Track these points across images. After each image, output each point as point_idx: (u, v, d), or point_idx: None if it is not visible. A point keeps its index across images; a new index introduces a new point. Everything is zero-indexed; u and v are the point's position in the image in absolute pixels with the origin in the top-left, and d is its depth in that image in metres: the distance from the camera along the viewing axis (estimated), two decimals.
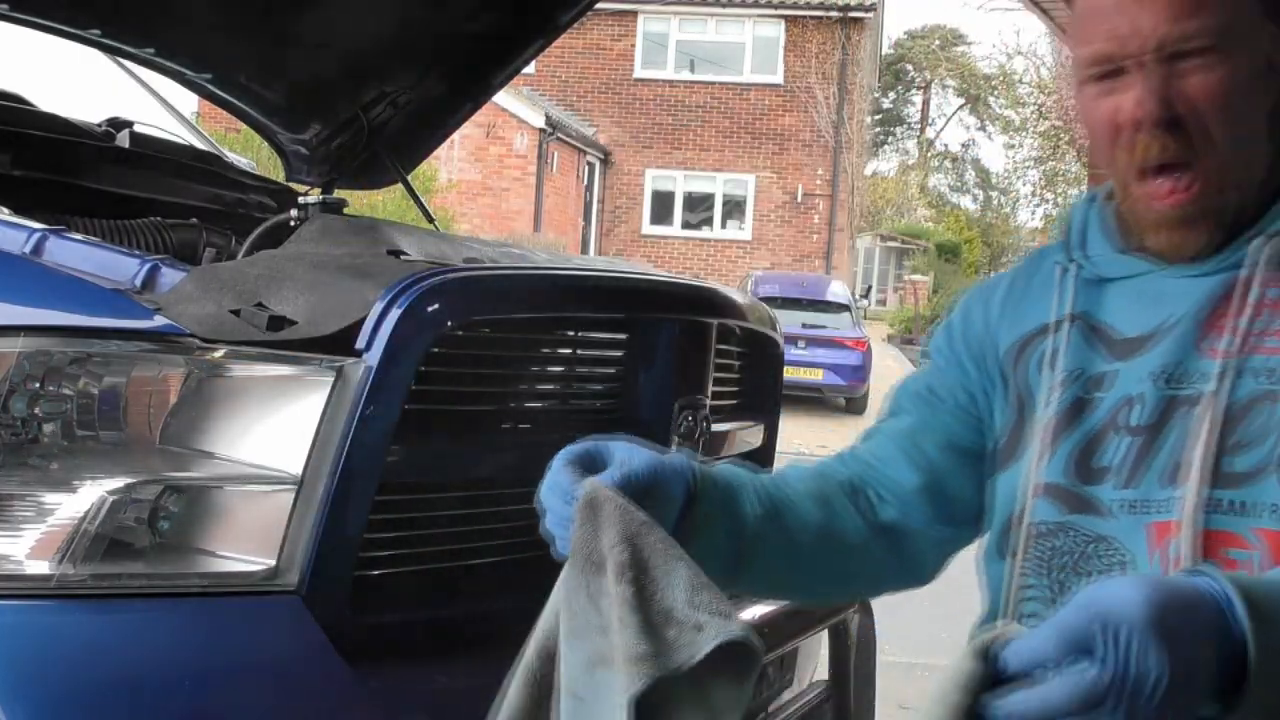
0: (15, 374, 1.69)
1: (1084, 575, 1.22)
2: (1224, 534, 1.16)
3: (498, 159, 20.71)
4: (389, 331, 1.77)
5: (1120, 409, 1.25)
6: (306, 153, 3.30)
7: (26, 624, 1.64)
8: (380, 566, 1.87)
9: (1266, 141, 1.23)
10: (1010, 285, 1.40)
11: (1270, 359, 1.18)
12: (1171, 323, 1.24)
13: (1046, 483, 1.26)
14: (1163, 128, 1.18)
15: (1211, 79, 1.18)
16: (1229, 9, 1.19)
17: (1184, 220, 1.22)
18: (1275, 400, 1.17)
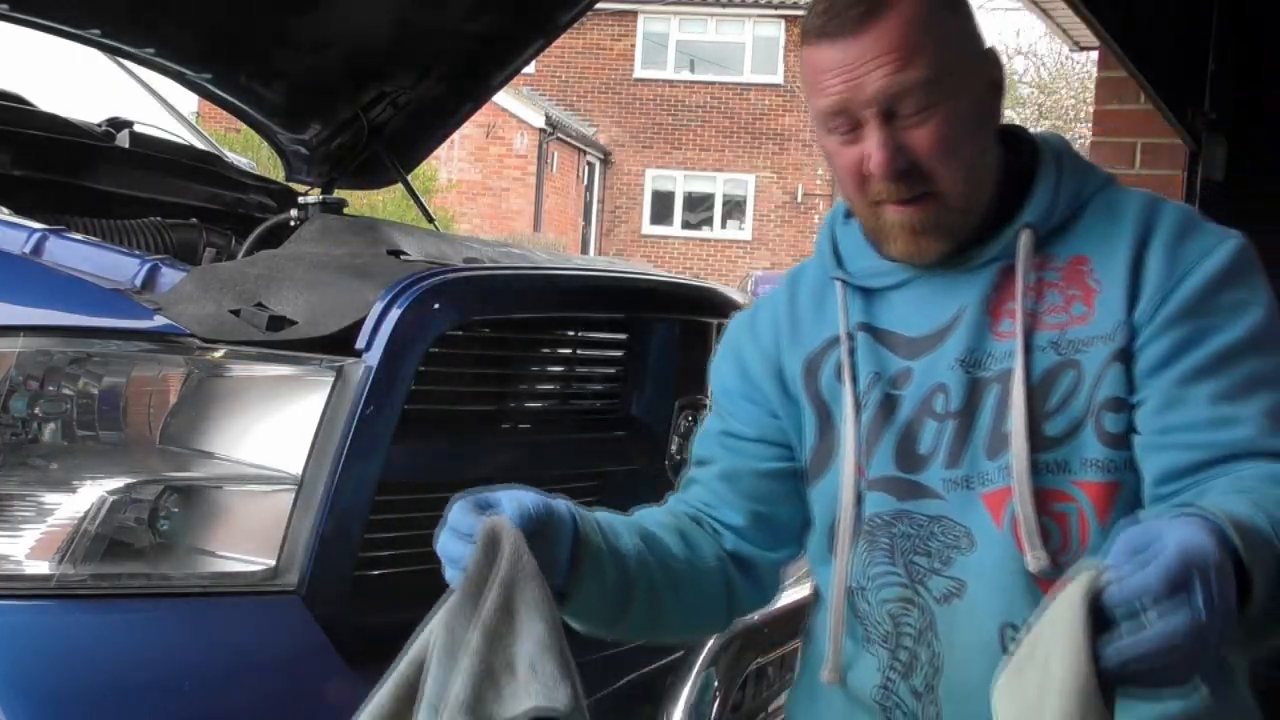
0: (15, 374, 1.69)
1: (927, 554, 1.36)
2: (1050, 490, 1.31)
3: (498, 159, 20.72)
4: (389, 331, 1.77)
5: (928, 399, 1.38)
6: (306, 153, 3.30)
7: (26, 624, 1.64)
8: (380, 566, 1.87)
9: (992, 154, 1.39)
10: (783, 310, 1.52)
11: (1052, 334, 1.34)
12: (959, 315, 1.38)
13: (876, 477, 1.39)
14: (896, 176, 1.32)
15: (931, 130, 1.31)
16: (939, 65, 1.31)
17: (919, 230, 1.35)
18: (1067, 368, 1.33)
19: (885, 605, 1.38)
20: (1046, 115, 23.75)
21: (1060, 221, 1.39)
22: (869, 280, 1.44)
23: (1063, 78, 23.16)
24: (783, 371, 1.49)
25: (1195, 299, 1.30)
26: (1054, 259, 1.37)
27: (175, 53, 3.08)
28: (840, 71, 1.32)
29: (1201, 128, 3.27)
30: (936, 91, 1.31)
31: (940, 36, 1.33)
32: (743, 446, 1.51)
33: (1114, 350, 1.32)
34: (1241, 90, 3.33)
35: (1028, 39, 47.72)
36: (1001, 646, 1.30)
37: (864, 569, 1.40)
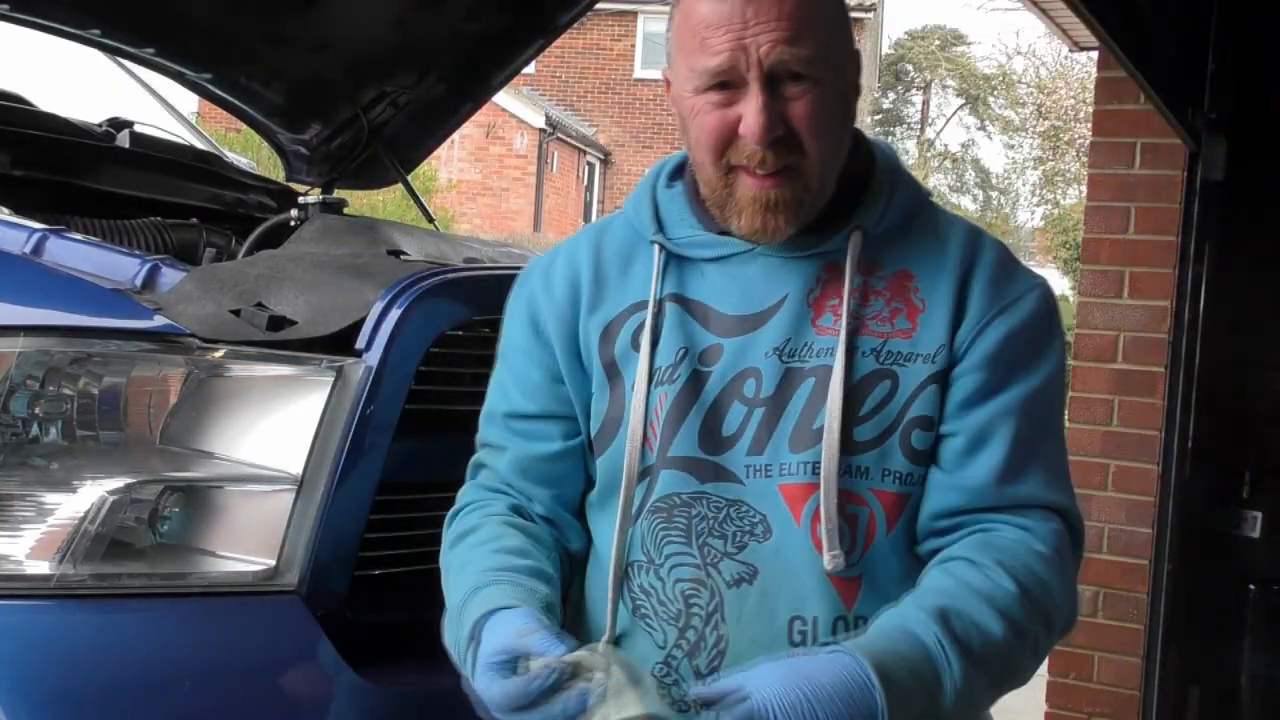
0: (15, 374, 1.69)
1: (723, 537, 1.36)
2: (848, 492, 1.33)
3: (498, 159, 20.71)
4: (389, 331, 1.77)
5: (736, 382, 1.37)
6: (306, 153, 3.30)
7: (26, 624, 1.64)
8: (380, 566, 1.87)
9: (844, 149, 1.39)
10: (585, 268, 1.46)
11: (874, 340, 1.36)
12: (781, 302, 1.38)
13: (677, 455, 1.37)
14: (771, 143, 1.31)
15: (810, 104, 1.32)
16: (826, 46, 1.33)
17: (772, 206, 1.34)
18: (883, 377, 1.35)
19: (678, 585, 1.37)
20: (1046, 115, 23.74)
21: (888, 230, 1.41)
22: (689, 250, 1.42)
23: (1062, 78, 23.14)
24: (576, 332, 1.45)
25: (1008, 341, 1.37)
26: (880, 268, 1.39)
27: (175, 53, 3.08)
28: (731, 27, 1.30)
29: (1201, 128, 3.27)
30: (821, 68, 1.32)
31: (827, 20, 1.34)
32: (528, 428, 1.47)
33: (933, 372, 1.36)
34: (1241, 90, 3.33)
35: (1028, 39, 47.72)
36: (788, 636, 1.33)
37: (656, 546, 1.38)
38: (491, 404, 1.51)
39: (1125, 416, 3.45)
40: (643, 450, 1.38)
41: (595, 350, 1.43)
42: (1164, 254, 3.42)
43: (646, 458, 1.38)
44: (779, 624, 1.34)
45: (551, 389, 1.46)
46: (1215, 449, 3.43)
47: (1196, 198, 3.33)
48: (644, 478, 1.39)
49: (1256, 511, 3.42)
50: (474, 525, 1.45)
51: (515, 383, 1.48)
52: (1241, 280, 3.41)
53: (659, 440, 1.38)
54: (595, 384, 1.43)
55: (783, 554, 1.34)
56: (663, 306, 1.41)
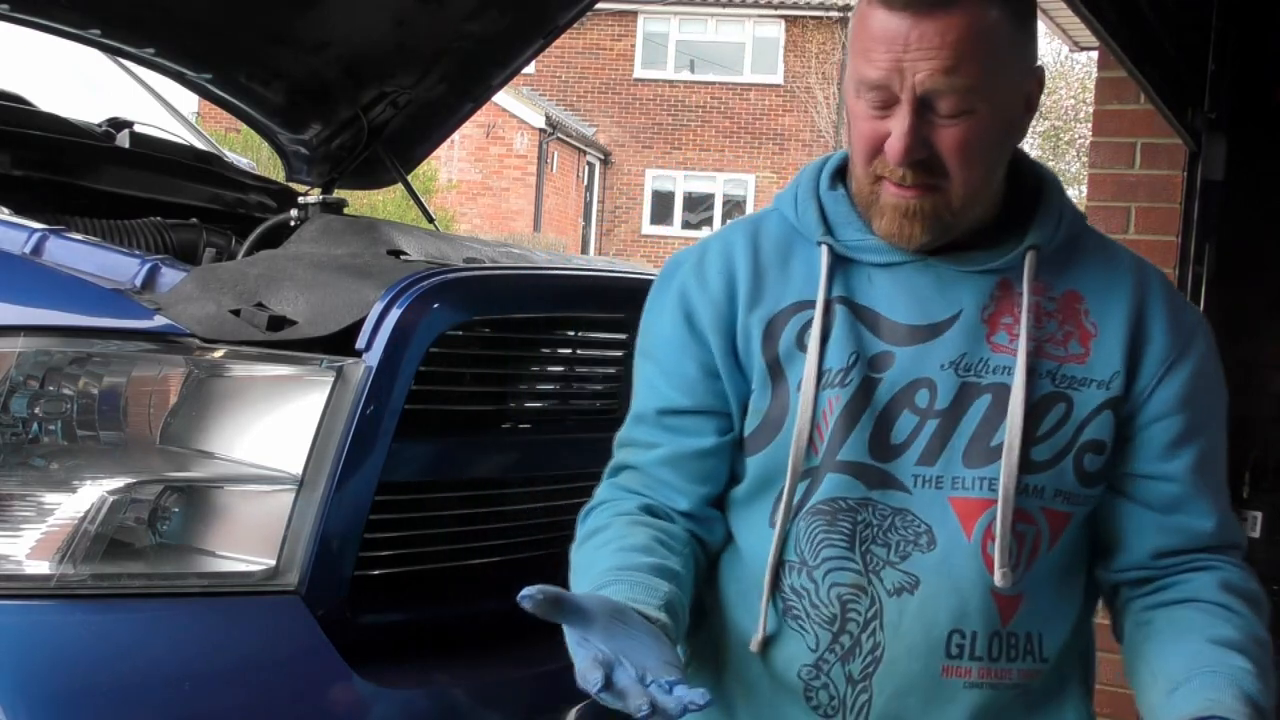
0: (15, 374, 1.69)
1: (886, 546, 1.35)
2: (1020, 510, 1.34)
3: (498, 159, 20.71)
4: (389, 331, 1.77)
5: (908, 391, 1.37)
6: (306, 153, 3.30)
7: (26, 624, 1.64)
8: (380, 566, 1.87)
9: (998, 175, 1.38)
10: (743, 262, 1.44)
11: (1050, 364, 1.37)
12: (956, 316, 1.38)
13: (847, 460, 1.36)
14: (912, 164, 1.31)
15: (960, 134, 1.31)
16: (989, 75, 1.30)
17: (910, 214, 1.34)
18: (1059, 400, 1.36)
19: (835, 589, 1.37)
20: (1046, 115, 23.74)
21: (1056, 250, 1.41)
22: (859, 253, 1.41)
23: (1062, 78, 23.15)
24: (734, 328, 1.42)
25: (1198, 381, 1.40)
26: (1049, 288, 1.39)
27: (175, 53, 3.08)
28: (892, 47, 1.29)
29: (1201, 128, 3.27)
30: (977, 99, 1.30)
31: (999, 46, 1.31)
32: (682, 424, 1.44)
33: (1108, 398, 1.37)
34: (1241, 90, 3.33)
35: None
36: (946, 650, 1.34)
37: (812, 548, 1.38)
38: (641, 403, 1.48)
39: None
40: (808, 451, 1.37)
41: (757, 347, 1.41)
42: (1164, 254, 3.41)
43: (810, 459, 1.37)
44: (937, 635, 1.34)
45: (707, 384, 1.43)
46: None
47: (1196, 198, 3.33)
48: (805, 478, 1.38)
49: (1256, 511, 3.42)
50: (603, 524, 1.43)
51: (667, 378, 1.45)
52: (1241, 280, 3.41)
53: (825, 443, 1.37)
54: (756, 381, 1.41)
55: (948, 566, 1.34)
56: (831, 308, 1.39)
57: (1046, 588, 1.38)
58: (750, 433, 1.42)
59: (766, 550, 1.39)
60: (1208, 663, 1.31)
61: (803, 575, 1.38)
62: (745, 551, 1.43)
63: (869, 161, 1.34)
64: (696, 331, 1.43)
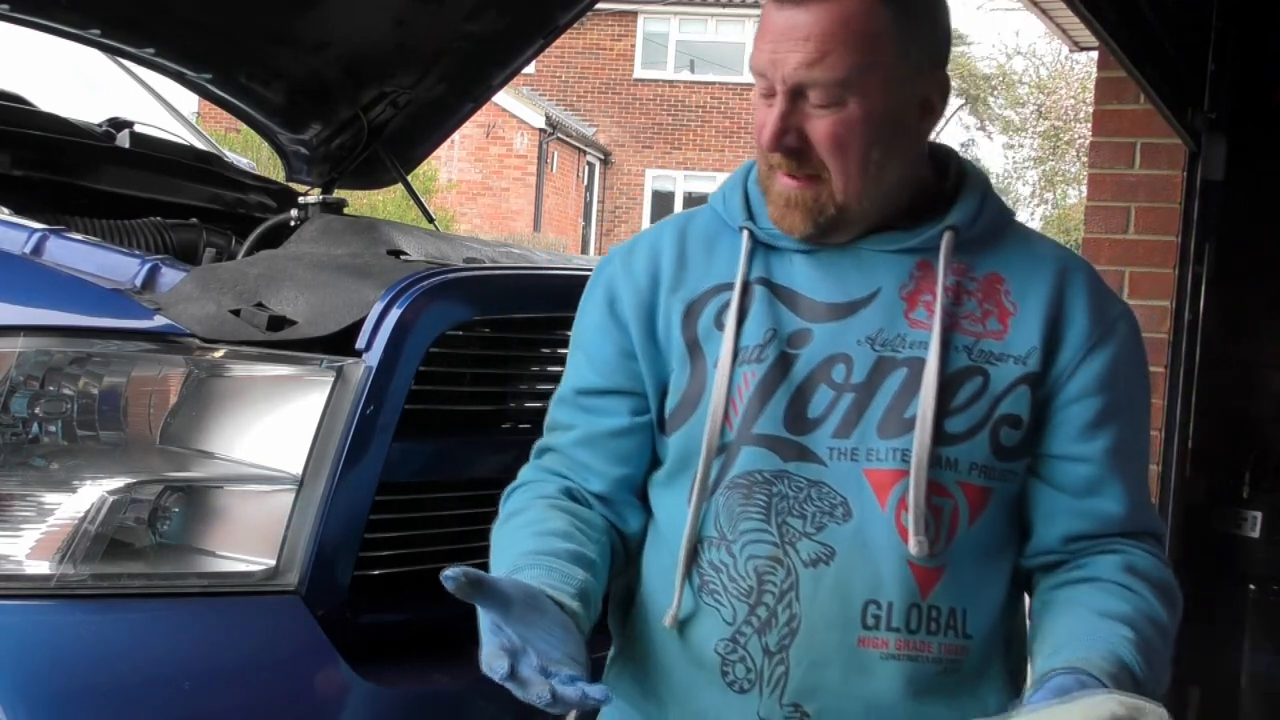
0: (15, 374, 1.69)
1: (802, 517, 1.37)
2: (936, 483, 1.36)
3: (498, 159, 20.71)
4: (389, 331, 1.77)
5: (824, 366, 1.40)
6: (306, 153, 3.30)
7: (26, 624, 1.64)
8: (380, 566, 1.87)
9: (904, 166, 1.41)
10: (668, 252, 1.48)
11: (967, 339, 1.39)
12: (875, 294, 1.41)
13: (762, 434, 1.38)
14: (787, 153, 1.35)
15: (830, 124, 1.34)
16: (861, 70, 1.33)
17: (791, 204, 1.38)
18: (975, 374, 1.38)
19: (752, 561, 1.38)
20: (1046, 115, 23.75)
21: (979, 235, 1.44)
22: (778, 238, 1.44)
23: (1062, 78, 23.15)
24: (655, 312, 1.46)
25: (1117, 367, 1.42)
26: (971, 269, 1.42)
27: (175, 53, 3.08)
28: (772, 38, 1.35)
29: (1201, 128, 3.27)
30: (847, 92, 1.33)
31: (876, 42, 1.34)
32: (597, 404, 1.48)
33: (1025, 374, 1.39)
34: (1241, 90, 3.33)
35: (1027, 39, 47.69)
36: (862, 619, 1.35)
37: (730, 522, 1.40)
38: (563, 386, 1.52)
39: None
40: (722, 427, 1.39)
41: (677, 327, 1.44)
42: (1164, 254, 3.42)
43: (725, 435, 1.40)
44: (854, 606, 1.36)
45: (623, 364, 1.47)
46: (1215, 449, 3.42)
47: (1196, 198, 3.33)
48: (721, 454, 1.40)
49: (1256, 511, 3.42)
50: (524, 506, 1.46)
51: (588, 361, 1.49)
52: (1241, 280, 3.41)
53: (740, 418, 1.39)
54: (675, 360, 1.44)
55: (863, 537, 1.36)
56: (750, 289, 1.43)
57: (969, 564, 1.38)
58: (670, 412, 1.45)
59: (680, 524, 1.42)
60: (1090, 630, 1.34)
61: (721, 550, 1.40)
62: (666, 531, 1.45)
63: (762, 153, 1.39)
64: (617, 316, 1.47)
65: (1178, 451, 3.34)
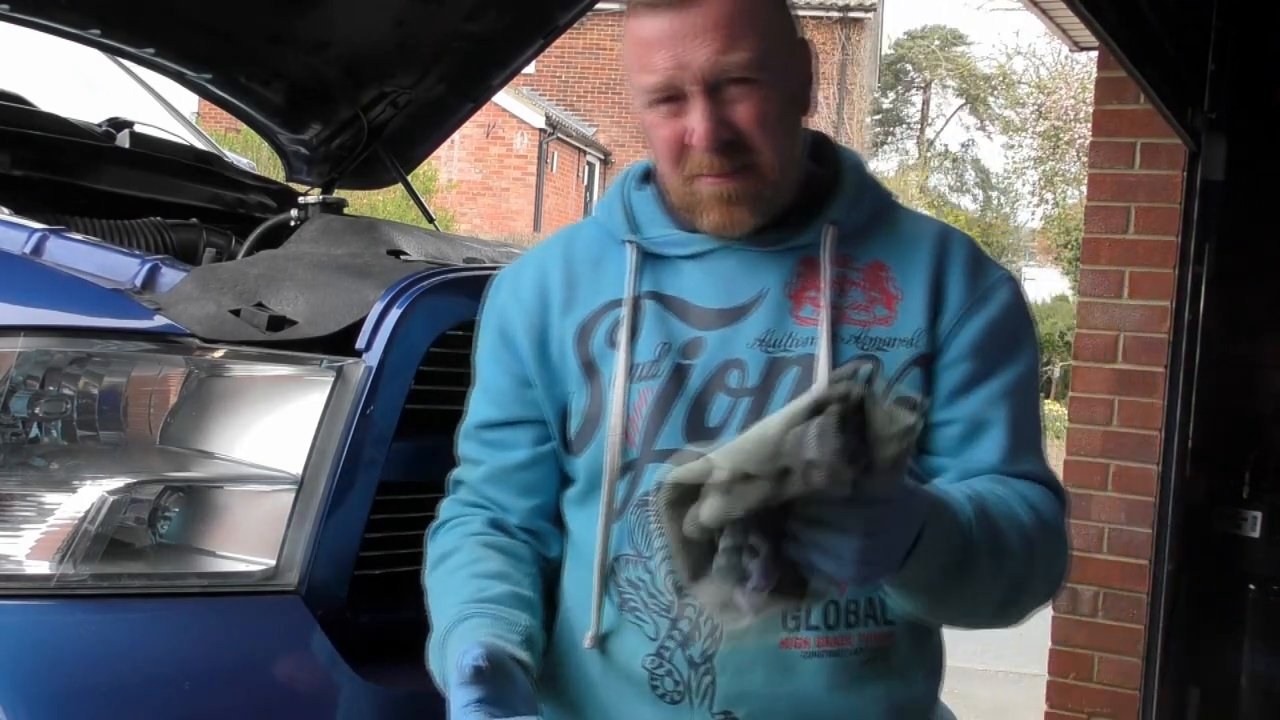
0: (15, 374, 1.69)
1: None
2: None
3: (498, 159, 20.70)
4: (389, 331, 1.77)
5: (719, 373, 1.40)
6: (306, 153, 3.30)
7: (27, 624, 1.64)
8: (380, 566, 1.87)
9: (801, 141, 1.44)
10: (555, 271, 1.49)
11: (855, 329, 1.40)
12: (761, 295, 1.41)
13: (664, 449, 1.38)
14: (719, 148, 1.36)
15: (754, 105, 1.36)
16: (763, 47, 1.36)
17: (733, 201, 1.38)
18: (868, 362, 1.39)
19: (670, 577, 1.38)
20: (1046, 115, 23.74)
21: (859, 225, 1.45)
22: (664, 248, 1.45)
23: (1062, 78, 23.14)
24: (547, 334, 1.46)
25: (990, 331, 1.42)
26: (854, 260, 1.43)
27: (175, 53, 3.08)
28: (667, 46, 1.35)
29: (1201, 128, 3.27)
30: (758, 70, 1.35)
31: (762, 17, 1.37)
32: (498, 437, 1.49)
33: (916, 355, 1.40)
34: (1241, 90, 3.33)
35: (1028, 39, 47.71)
36: (782, 622, 1.36)
37: (645, 539, 1.40)
38: (466, 420, 1.54)
39: (1125, 416, 3.45)
40: (624, 445, 1.40)
41: (571, 349, 1.45)
42: (1164, 254, 3.42)
43: (629, 453, 1.40)
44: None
45: (519, 394, 1.47)
46: (1215, 449, 3.43)
47: (1196, 198, 3.33)
48: (626, 473, 1.40)
49: (1256, 511, 3.42)
50: (454, 546, 1.46)
51: (484, 393, 1.51)
52: (1241, 280, 3.41)
53: (641, 435, 1.40)
54: (572, 382, 1.45)
55: None
56: (640, 304, 1.43)
57: None
58: (573, 434, 1.45)
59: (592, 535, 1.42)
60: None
61: (639, 567, 1.40)
62: (583, 550, 1.45)
63: (678, 164, 1.38)
64: (509, 343, 1.48)
65: (1178, 451, 3.34)
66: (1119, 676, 3.42)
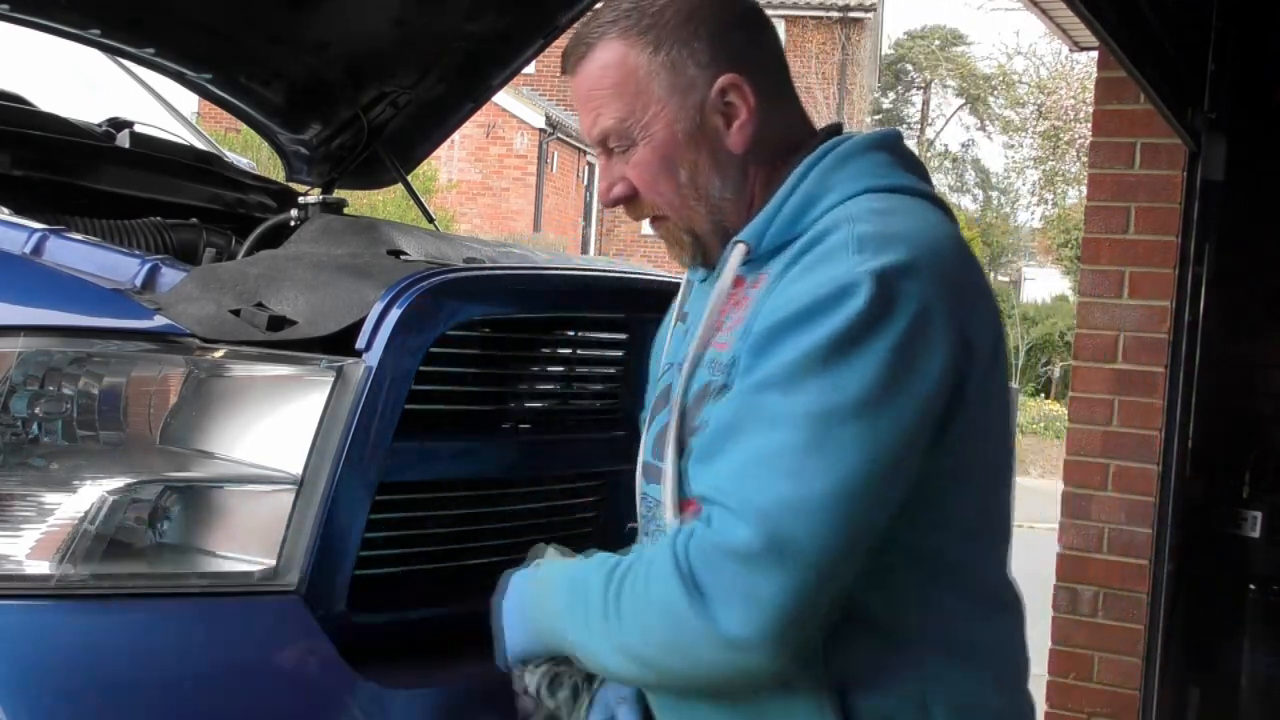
0: (15, 374, 1.69)
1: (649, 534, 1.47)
2: (687, 501, 1.35)
3: (498, 159, 20.70)
4: (389, 331, 1.77)
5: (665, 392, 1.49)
6: (306, 153, 3.30)
7: (26, 624, 1.64)
8: (380, 566, 1.87)
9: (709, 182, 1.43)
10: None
11: (717, 352, 1.37)
12: (695, 319, 1.46)
13: (641, 460, 1.50)
14: (622, 203, 1.45)
15: (636, 165, 1.42)
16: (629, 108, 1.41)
17: (667, 243, 1.48)
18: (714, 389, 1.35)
19: None
20: (1046, 115, 23.75)
21: (772, 248, 1.38)
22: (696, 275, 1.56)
23: (1062, 78, 23.14)
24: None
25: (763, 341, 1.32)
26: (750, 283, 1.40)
27: (175, 53, 3.08)
28: (575, 105, 1.46)
29: (1201, 128, 3.27)
30: (632, 130, 1.41)
31: (632, 78, 1.41)
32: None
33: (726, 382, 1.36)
34: (1241, 90, 3.33)
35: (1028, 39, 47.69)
36: None
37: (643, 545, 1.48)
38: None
39: (1125, 416, 3.45)
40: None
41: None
42: (1164, 254, 3.42)
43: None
44: None
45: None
46: (1215, 449, 3.43)
47: (1196, 198, 3.33)
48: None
49: (1256, 511, 3.42)
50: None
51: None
52: (1241, 280, 3.42)
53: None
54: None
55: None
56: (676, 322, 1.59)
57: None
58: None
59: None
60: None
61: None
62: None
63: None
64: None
65: (1178, 451, 3.34)
66: (1119, 676, 3.42)
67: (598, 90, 1.42)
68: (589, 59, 1.42)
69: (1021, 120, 28.80)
